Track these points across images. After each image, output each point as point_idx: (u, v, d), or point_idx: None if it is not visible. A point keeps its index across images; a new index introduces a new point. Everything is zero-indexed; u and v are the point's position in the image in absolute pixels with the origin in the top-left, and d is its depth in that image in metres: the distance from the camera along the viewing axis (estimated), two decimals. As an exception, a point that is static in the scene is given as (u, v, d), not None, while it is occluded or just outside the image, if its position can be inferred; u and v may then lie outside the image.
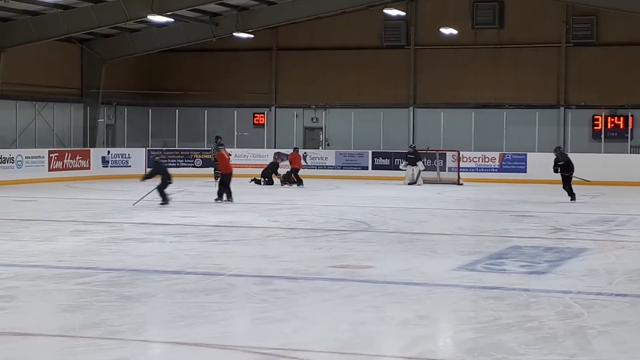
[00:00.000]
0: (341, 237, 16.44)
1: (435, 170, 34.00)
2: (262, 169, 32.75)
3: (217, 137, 34.91)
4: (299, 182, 31.16)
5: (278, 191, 28.60)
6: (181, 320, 9.13)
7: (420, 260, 13.44)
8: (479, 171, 35.09)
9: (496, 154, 35.43)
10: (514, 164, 35.12)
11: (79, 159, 33.91)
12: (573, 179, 25.43)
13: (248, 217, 19.97)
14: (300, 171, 32.07)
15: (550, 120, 36.89)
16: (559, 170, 25.33)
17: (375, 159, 36.48)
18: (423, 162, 33.30)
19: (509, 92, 37.39)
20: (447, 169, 34.43)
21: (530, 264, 13.25)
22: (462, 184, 32.46)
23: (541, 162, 34.61)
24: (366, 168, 36.42)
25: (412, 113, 38.75)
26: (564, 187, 25.25)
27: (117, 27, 35.44)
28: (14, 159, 30.76)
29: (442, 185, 31.96)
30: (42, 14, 31.97)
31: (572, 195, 25.05)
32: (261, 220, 19.36)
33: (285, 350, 7.93)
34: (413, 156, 33.20)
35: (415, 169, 33.00)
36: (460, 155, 34.36)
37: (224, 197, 23.96)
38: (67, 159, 33.36)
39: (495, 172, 34.97)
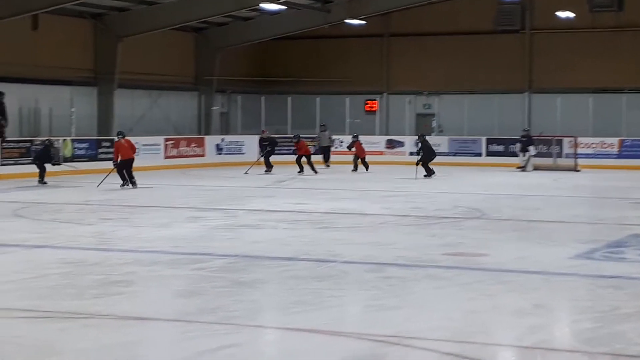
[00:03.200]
0: (455, 224, 16.27)
1: (551, 157, 33.38)
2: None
3: (322, 125, 35.15)
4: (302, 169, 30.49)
5: (388, 178, 28.44)
6: (294, 306, 9.17)
7: (535, 248, 13.18)
8: (597, 157, 34.25)
9: (615, 140, 34.56)
10: (633, 150, 34.17)
11: (193, 147, 34.45)
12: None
13: (361, 204, 19.94)
14: (412, 157, 31.87)
15: (672, 105, 35.81)
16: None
17: (490, 145, 36.01)
18: (535, 148, 32.75)
19: (628, 77, 36.33)
20: (564, 155, 33.74)
21: (651, 252, 12.88)
22: (579, 171, 31.79)
23: (662, 148, 33.73)
24: (480, 155, 35.99)
25: (527, 99, 38.11)
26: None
27: (231, 16, 35.84)
28: (132, 147, 31.37)
29: (558, 172, 31.36)
30: (158, 4, 32.58)
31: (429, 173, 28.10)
32: (374, 207, 19.31)
33: (399, 337, 7.86)
34: (526, 139, 32.72)
35: (527, 154, 32.49)
36: (578, 141, 33.62)
37: (127, 182, 23.82)
38: (182, 147, 33.94)
39: (614, 158, 34.11)
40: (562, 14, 36.25)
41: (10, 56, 28.96)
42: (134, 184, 23.66)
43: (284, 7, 34.17)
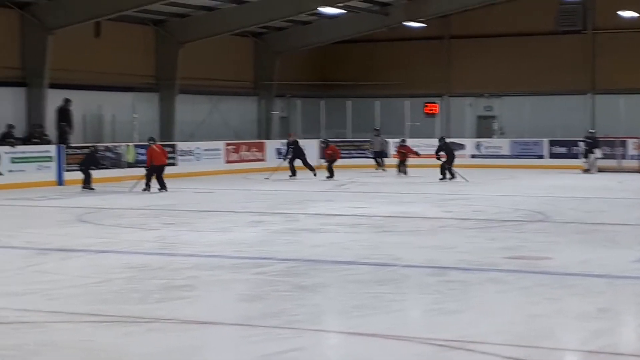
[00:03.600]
0: (516, 227, 16.13)
1: (615, 158, 32.91)
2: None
3: (376, 130, 35.09)
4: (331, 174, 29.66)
5: (448, 181, 28.26)
6: (356, 310, 9.17)
7: (600, 251, 13.01)
8: (663, 159, 33.70)
9: (681, 141, 33.96)
10: (700, 151, 33.53)
11: (254, 151, 34.63)
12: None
13: (421, 207, 19.88)
14: (473, 160, 31.78)
15: None
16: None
17: (552, 147, 35.64)
18: (600, 150, 32.36)
19: (693, 76, 35.70)
20: (628, 156, 33.23)
21: None
22: (644, 172, 31.30)
23: None
24: (542, 157, 35.63)
25: (590, 100, 37.63)
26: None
27: (290, 20, 35.98)
28: (193, 152, 31.71)
29: (622, 174, 30.91)
30: (217, 9, 32.83)
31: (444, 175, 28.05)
32: (434, 210, 19.24)
33: (461, 342, 7.83)
34: (591, 141, 32.32)
35: (592, 157, 32.08)
36: (643, 143, 33.09)
37: (148, 188, 23.92)
38: (242, 151, 34.13)
39: (681, 159, 33.51)
40: (625, 14, 35.73)
41: (74, 63, 29.39)
42: (164, 188, 23.86)
43: (342, 11, 34.22)
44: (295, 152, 30.11)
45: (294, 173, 29.97)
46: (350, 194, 23.90)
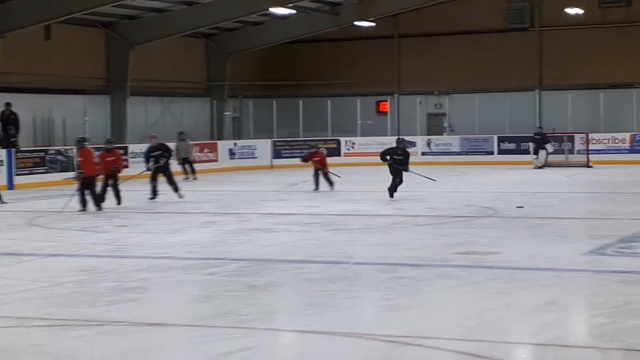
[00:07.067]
0: (467, 223, 16.30)
1: (563, 154, 33.37)
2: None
3: (181, 134, 30.40)
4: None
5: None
6: (308, 308, 9.23)
7: (548, 245, 13.20)
8: (608, 153, 34.25)
9: (627, 135, 34.49)
10: (646, 145, 34.13)
11: (206, 152, 34.54)
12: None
13: (372, 205, 19.98)
14: (423, 157, 31.70)
15: (683, 99, 35.69)
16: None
17: (501, 143, 36.00)
18: (552, 144, 32.79)
19: (638, 72, 36.21)
20: (575, 151, 33.77)
21: (663, 247, 12.87)
22: (591, 167, 31.74)
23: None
24: (492, 153, 35.96)
25: (538, 96, 38.06)
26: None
27: (241, 21, 35.94)
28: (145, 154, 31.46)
29: (570, 168, 31.31)
30: (168, 11, 32.71)
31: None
32: (385, 208, 19.34)
33: (412, 337, 7.91)
34: (540, 137, 32.70)
35: (542, 152, 32.43)
36: (589, 137, 33.59)
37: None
38: (195, 152, 33.95)
39: (626, 153, 34.05)
40: (571, 11, 36.14)
41: (24, 66, 29.09)
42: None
43: (293, 12, 34.23)
44: (164, 160, 22.95)
45: (155, 193, 22.10)
46: (303, 194, 23.94)
